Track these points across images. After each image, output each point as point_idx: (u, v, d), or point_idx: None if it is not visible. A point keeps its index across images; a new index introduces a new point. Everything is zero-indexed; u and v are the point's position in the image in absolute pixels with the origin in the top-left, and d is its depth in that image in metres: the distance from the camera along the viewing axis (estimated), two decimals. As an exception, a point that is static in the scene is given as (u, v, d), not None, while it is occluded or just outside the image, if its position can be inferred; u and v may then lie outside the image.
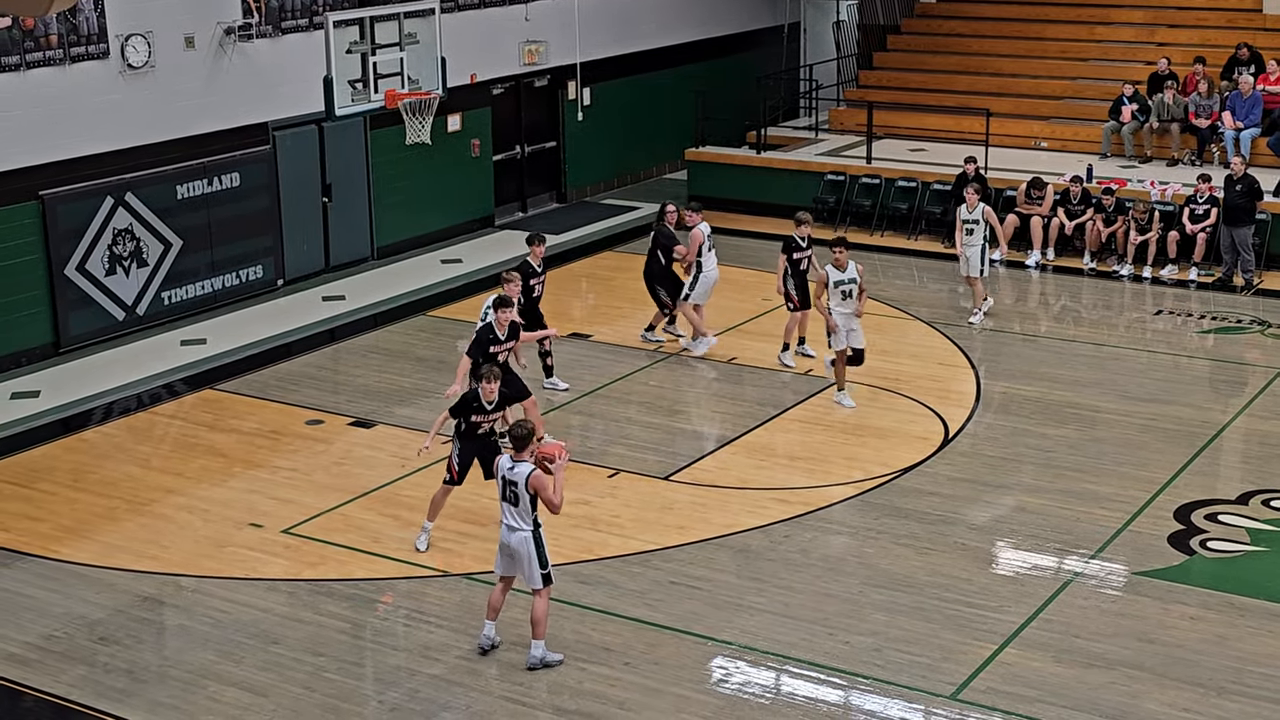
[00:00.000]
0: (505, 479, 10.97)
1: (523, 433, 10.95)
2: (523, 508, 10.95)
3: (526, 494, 10.89)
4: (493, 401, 12.69)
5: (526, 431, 10.97)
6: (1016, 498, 14.07)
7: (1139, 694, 10.70)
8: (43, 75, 17.63)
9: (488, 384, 12.59)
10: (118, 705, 10.76)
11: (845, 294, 15.92)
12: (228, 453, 15.32)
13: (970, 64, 27.29)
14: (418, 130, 20.58)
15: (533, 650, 11.18)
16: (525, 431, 10.97)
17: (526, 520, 10.99)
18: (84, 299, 18.38)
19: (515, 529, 11.03)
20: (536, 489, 10.86)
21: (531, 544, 11.01)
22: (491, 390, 12.60)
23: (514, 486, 10.92)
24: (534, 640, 11.18)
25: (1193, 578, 12.45)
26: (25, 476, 14.80)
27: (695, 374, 17.45)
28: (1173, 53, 24.93)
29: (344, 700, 10.81)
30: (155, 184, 18.96)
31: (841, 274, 15.95)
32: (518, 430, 10.99)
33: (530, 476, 10.84)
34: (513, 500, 10.97)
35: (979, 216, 18.69)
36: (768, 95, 26.36)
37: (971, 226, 18.73)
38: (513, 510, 11.00)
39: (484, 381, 12.60)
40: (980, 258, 18.83)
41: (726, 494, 14.21)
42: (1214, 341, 18.54)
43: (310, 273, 21.26)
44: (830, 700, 10.77)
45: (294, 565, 12.88)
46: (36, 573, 12.83)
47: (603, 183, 26.64)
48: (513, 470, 10.92)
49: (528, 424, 11.20)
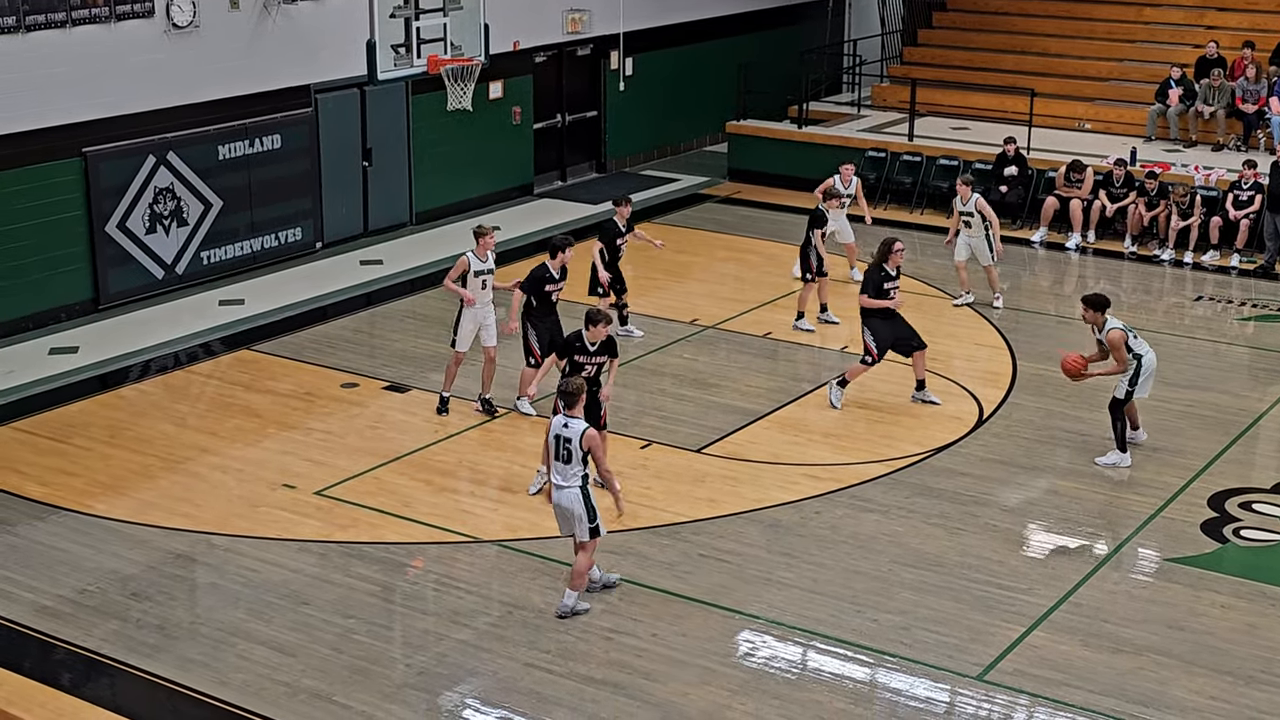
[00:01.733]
0: (560, 436, 11.11)
1: (572, 389, 11.14)
2: (574, 464, 11.10)
3: (580, 450, 11.04)
4: (595, 344, 12.95)
5: (576, 388, 11.17)
6: (1049, 480, 14.02)
7: (1167, 681, 10.67)
8: (88, 33, 17.69)
9: (594, 328, 12.88)
10: (148, 660, 10.85)
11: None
12: (262, 413, 15.40)
13: (1016, 43, 27.11)
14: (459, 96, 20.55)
15: (565, 598, 11.41)
16: (575, 388, 11.17)
17: (576, 477, 11.14)
18: (124, 256, 18.48)
19: (564, 487, 11.18)
20: (590, 447, 11.04)
21: (580, 499, 11.15)
22: (597, 333, 12.88)
23: (568, 444, 11.07)
24: (569, 589, 11.40)
25: (1225, 566, 12.39)
26: (62, 431, 14.91)
27: (730, 348, 17.42)
28: (1221, 36, 24.71)
29: (372, 663, 10.87)
30: (197, 144, 19.03)
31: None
32: (567, 387, 11.17)
33: (585, 434, 11.02)
34: (565, 458, 11.11)
35: (973, 209, 18.45)
36: (811, 70, 26.24)
37: (968, 219, 18.53)
38: (564, 468, 11.14)
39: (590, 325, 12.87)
40: (988, 247, 18.60)
41: (758, 468, 14.20)
42: (1254, 329, 18.40)
43: (349, 236, 21.32)
44: (856, 677, 10.77)
45: (326, 527, 12.95)
46: (71, 527, 12.94)
47: (642, 153, 26.60)
48: (567, 427, 11.07)
49: (577, 381, 11.38)
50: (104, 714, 10.27)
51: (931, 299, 19.10)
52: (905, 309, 16.01)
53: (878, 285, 15.32)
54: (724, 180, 25.28)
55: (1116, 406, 14.16)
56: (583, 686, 10.55)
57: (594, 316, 12.96)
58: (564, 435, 11.10)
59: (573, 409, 11.13)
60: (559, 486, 11.22)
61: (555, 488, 11.26)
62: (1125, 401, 14.10)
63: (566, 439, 11.09)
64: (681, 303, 18.81)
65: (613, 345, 13.22)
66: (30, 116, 17.24)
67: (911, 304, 18.16)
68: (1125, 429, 14.20)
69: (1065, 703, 10.40)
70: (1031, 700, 10.46)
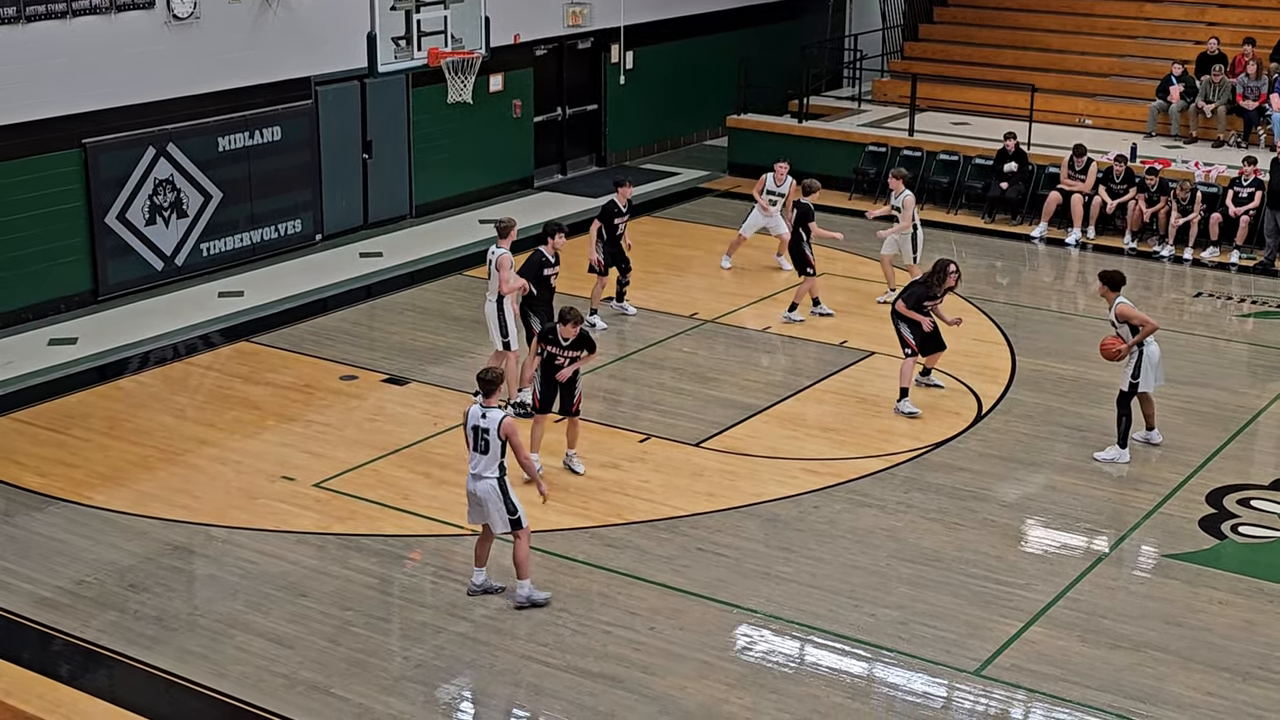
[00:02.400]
0: (477, 428, 11.12)
1: (491, 378, 11.16)
2: (492, 455, 11.10)
3: (498, 441, 11.02)
4: (569, 339, 13.22)
5: (495, 377, 11.20)
6: (1048, 476, 14.02)
7: (1164, 676, 10.67)
8: (88, 23, 17.67)
9: (565, 326, 13.16)
10: (146, 652, 10.86)
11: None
12: (261, 405, 15.40)
13: (1016, 38, 27.09)
14: (459, 89, 20.57)
15: (519, 590, 11.40)
16: (494, 377, 11.19)
17: (493, 468, 11.13)
18: (123, 248, 18.47)
19: (482, 477, 11.17)
20: (507, 435, 11.02)
21: (497, 491, 11.16)
22: (569, 330, 13.20)
23: (485, 434, 11.07)
24: (519, 580, 11.38)
25: (1223, 562, 12.40)
26: (61, 423, 14.91)
27: (730, 342, 17.42)
28: (1222, 33, 24.70)
29: (370, 655, 10.88)
30: (197, 135, 19.02)
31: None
32: (486, 375, 11.19)
33: (503, 423, 11.01)
34: (483, 449, 11.11)
35: (901, 204, 18.33)
36: (811, 64, 26.22)
37: (896, 212, 18.46)
38: (482, 459, 11.14)
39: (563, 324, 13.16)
40: (912, 248, 18.41)
41: (757, 463, 14.20)
42: (1253, 325, 18.40)
43: (348, 229, 21.31)
44: (854, 672, 10.78)
45: (324, 519, 12.95)
46: (69, 518, 12.94)
47: (643, 147, 26.58)
48: (484, 418, 11.08)
49: (496, 370, 11.43)
50: (102, 705, 10.28)
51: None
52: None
53: (919, 300, 15.30)
54: (724, 174, 25.27)
55: (1123, 401, 14.14)
56: (580, 679, 10.56)
57: (565, 316, 13.16)
58: (482, 426, 11.07)
59: (490, 399, 11.10)
60: (478, 476, 11.18)
61: (473, 477, 11.22)
62: (1130, 395, 14.08)
63: (484, 429, 11.05)
64: (681, 296, 18.81)
65: (589, 340, 13.48)
66: (30, 107, 17.23)
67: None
68: (1129, 425, 14.18)
69: (1063, 698, 10.41)
70: (1029, 695, 10.47)
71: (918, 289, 15.44)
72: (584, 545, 12.50)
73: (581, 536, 12.65)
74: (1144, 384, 14.07)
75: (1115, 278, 14.24)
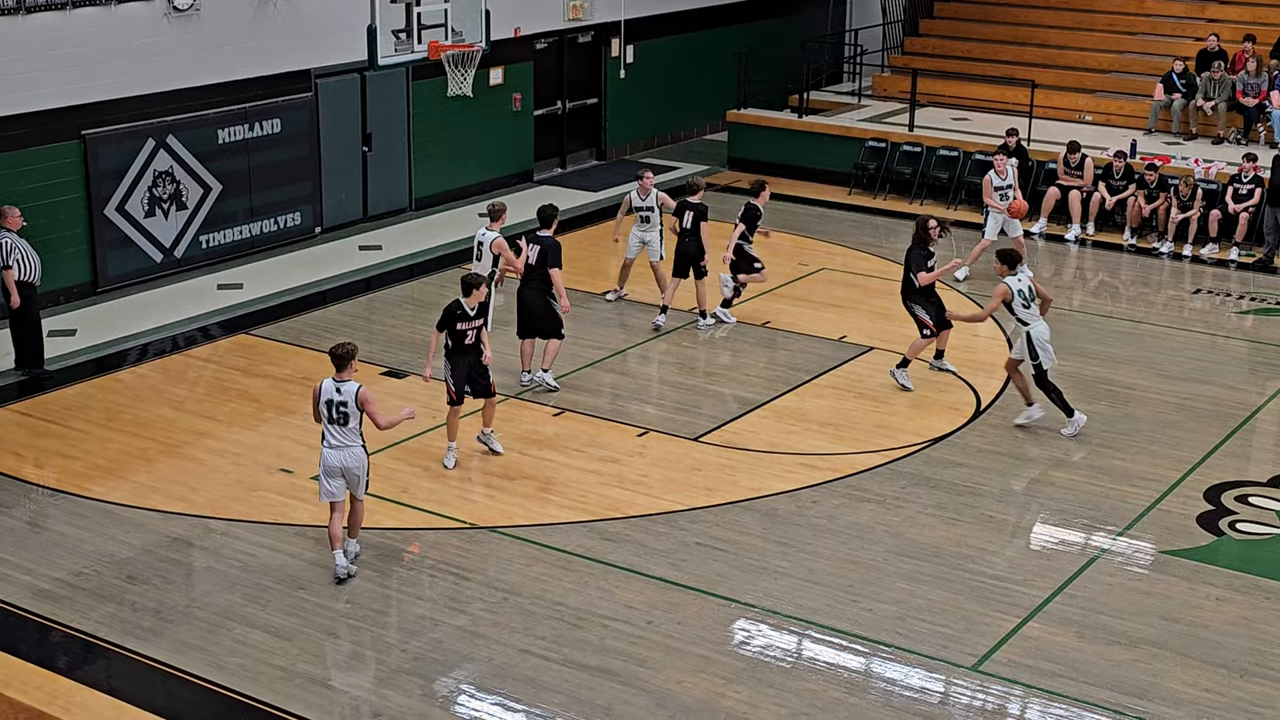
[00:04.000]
0: (331, 401, 11.44)
1: (343, 351, 11.50)
2: (352, 425, 11.47)
3: (357, 410, 11.42)
4: (474, 309, 13.35)
5: (347, 351, 11.52)
6: (1046, 472, 14.03)
7: (1161, 673, 10.69)
8: (88, 15, 17.65)
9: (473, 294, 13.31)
10: (144, 644, 10.86)
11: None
12: (260, 398, 15.40)
13: (1017, 34, 27.08)
14: (459, 82, 20.54)
15: (349, 545, 11.91)
16: (346, 351, 11.52)
17: (356, 437, 11.51)
18: (123, 240, 18.46)
19: (347, 446, 11.50)
20: (364, 403, 11.42)
21: (365, 457, 11.61)
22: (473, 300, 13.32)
23: (343, 406, 11.41)
24: (350, 539, 11.93)
25: (1220, 559, 12.41)
26: (60, 414, 14.91)
27: (729, 337, 17.42)
28: (1222, 30, 24.69)
29: (367, 648, 10.89)
30: (197, 127, 19.01)
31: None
32: (339, 350, 11.51)
33: (359, 393, 11.41)
34: (341, 420, 11.45)
35: (653, 203, 17.86)
36: (812, 59, 26.21)
37: (646, 214, 17.86)
38: (341, 430, 11.48)
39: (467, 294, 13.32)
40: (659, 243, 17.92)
41: (755, 457, 14.21)
42: (1252, 322, 18.41)
43: (348, 221, 21.30)
44: (851, 667, 10.79)
45: (323, 512, 12.93)
46: (68, 510, 12.95)
47: (642, 141, 26.57)
48: (339, 392, 11.43)
49: (349, 344, 11.67)
50: (100, 697, 10.28)
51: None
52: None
53: (925, 261, 15.56)
54: (724, 169, 25.26)
55: (1042, 381, 14.53)
56: (578, 673, 10.56)
57: (469, 281, 13.38)
58: (337, 399, 11.41)
59: (342, 373, 11.43)
60: (339, 447, 11.48)
61: (333, 449, 11.49)
62: (1043, 375, 14.49)
63: (341, 402, 11.40)
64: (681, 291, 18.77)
65: (485, 309, 13.78)
66: (30, 99, 17.22)
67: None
68: (1060, 395, 14.57)
69: (1060, 694, 10.42)
70: (1026, 691, 10.48)
71: (917, 253, 15.66)
72: (582, 539, 12.51)
73: (579, 530, 12.66)
74: (1045, 361, 14.45)
75: (1008, 256, 14.69)
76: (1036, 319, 14.54)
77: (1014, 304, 14.48)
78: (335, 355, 11.47)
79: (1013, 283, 14.50)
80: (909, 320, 16.03)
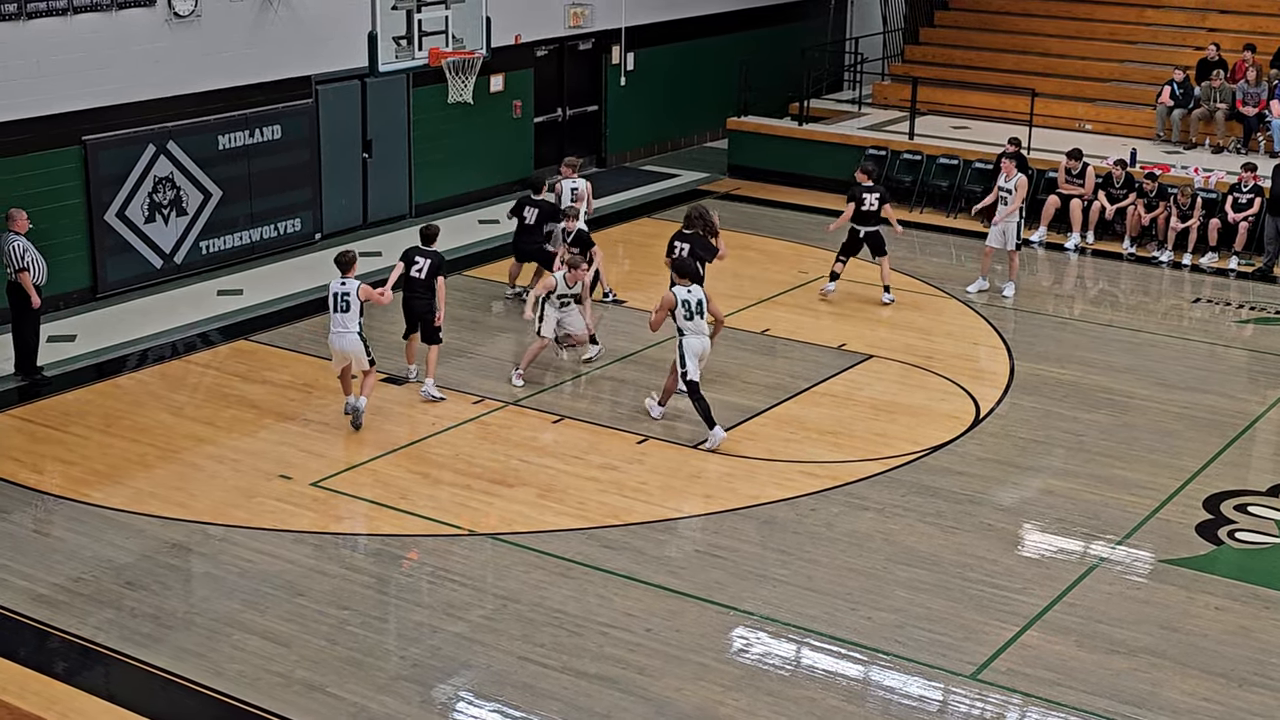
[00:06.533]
0: (337, 293, 14.37)
1: (347, 258, 14.52)
2: (352, 313, 14.31)
3: (357, 300, 14.29)
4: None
5: (350, 257, 14.54)
6: (1045, 480, 14.03)
7: (1160, 682, 10.68)
8: (89, 20, 17.67)
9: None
10: (143, 650, 10.85)
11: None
12: (260, 404, 15.40)
13: (1017, 43, 27.12)
14: (460, 89, 20.58)
15: (358, 402, 14.54)
16: (349, 258, 14.53)
17: (355, 323, 14.33)
18: (123, 245, 18.47)
19: (346, 332, 14.34)
20: (364, 295, 14.33)
21: (360, 342, 14.40)
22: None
23: (346, 296, 14.32)
24: (362, 396, 14.59)
25: (1219, 568, 12.40)
26: (59, 420, 14.91)
27: (727, 344, 17.41)
28: (1222, 39, 24.71)
29: (366, 654, 10.88)
30: (197, 133, 19.02)
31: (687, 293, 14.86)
32: (342, 258, 14.53)
33: (360, 287, 14.37)
34: (344, 308, 14.33)
35: (1014, 187, 18.58)
36: (812, 67, 26.23)
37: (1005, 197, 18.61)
38: (344, 317, 14.32)
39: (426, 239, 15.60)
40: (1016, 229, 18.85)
41: (754, 465, 14.21)
42: (1252, 331, 18.41)
43: (348, 228, 21.31)
44: (850, 675, 10.79)
45: (321, 518, 12.96)
46: (67, 515, 12.94)
47: (642, 149, 26.59)
48: (344, 284, 14.38)
49: (350, 251, 14.64)
50: (98, 703, 10.28)
51: (929, 297, 19.09)
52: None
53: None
54: (724, 176, 25.28)
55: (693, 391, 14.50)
56: (576, 680, 10.56)
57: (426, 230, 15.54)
58: (341, 291, 14.35)
59: (347, 274, 14.43)
60: (343, 333, 14.33)
61: (337, 335, 14.37)
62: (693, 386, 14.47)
63: (345, 293, 14.33)
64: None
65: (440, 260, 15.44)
66: (30, 104, 17.23)
67: (909, 302, 18.32)
68: (706, 407, 14.44)
69: (1058, 703, 10.42)
70: (1024, 700, 10.47)
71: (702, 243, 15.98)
72: (581, 546, 12.51)
73: (579, 537, 12.66)
74: (691, 373, 14.42)
75: (680, 267, 14.90)
76: (695, 332, 14.55)
77: (677, 312, 14.55)
78: (340, 261, 14.55)
79: (680, 292, 14.52)
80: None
